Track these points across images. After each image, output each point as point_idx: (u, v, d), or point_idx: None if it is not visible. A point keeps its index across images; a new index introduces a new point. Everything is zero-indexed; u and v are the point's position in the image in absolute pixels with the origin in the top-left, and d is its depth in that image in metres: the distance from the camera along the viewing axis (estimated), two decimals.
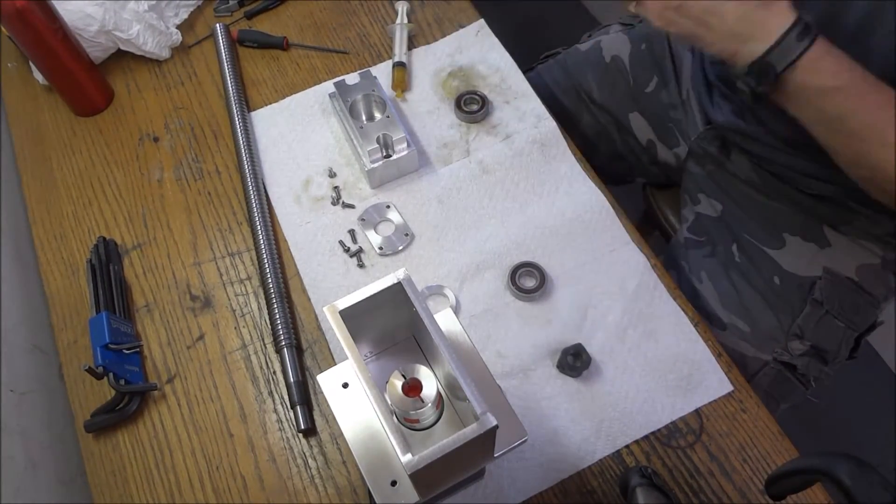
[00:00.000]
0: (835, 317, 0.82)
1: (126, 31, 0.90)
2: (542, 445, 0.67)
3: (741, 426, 0.68)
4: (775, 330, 0.82)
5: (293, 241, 0.81)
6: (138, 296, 0.79)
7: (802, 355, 0.82)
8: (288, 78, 0.94)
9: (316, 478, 0.68)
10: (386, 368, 0.53)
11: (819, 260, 0.83)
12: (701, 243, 0.90)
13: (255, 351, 0.75)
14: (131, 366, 0.72)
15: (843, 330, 0.82)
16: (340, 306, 0.48)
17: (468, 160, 0.85)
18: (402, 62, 0.91)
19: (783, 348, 0.82)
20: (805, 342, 0.82)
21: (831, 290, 0.82)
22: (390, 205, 0.81)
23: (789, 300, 0.83)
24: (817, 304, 0.82)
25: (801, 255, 0.84)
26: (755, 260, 0.85)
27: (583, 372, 0.70)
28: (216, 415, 0.72)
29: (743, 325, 0.83)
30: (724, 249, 0.87)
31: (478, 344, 0.55)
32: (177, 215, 0.84)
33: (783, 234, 0.85)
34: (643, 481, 0.60)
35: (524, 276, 0.75)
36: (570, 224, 0.79)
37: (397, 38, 0.93)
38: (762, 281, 0.84)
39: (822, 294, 0.82)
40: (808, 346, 0.82)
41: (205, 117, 0.91)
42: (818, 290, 0.82)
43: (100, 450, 0.71)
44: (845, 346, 0.84)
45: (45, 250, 0.83)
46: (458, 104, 0.87)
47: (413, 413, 0.48)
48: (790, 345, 0.82)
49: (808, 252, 0.84)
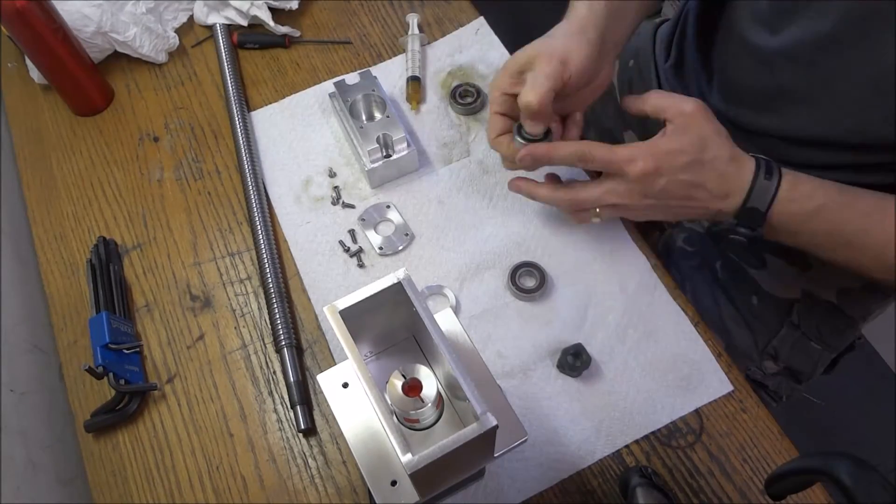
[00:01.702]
0: (810, 339, 0.82)
1: (123, 33, 0.90)
2: (542, 445, 0.67)
3: (741, 426, 0.68)
4: (749, 348, 0.82)
5: (293, 241, 0.81)
6: (138, 296, 0.79)
7: (775, 374, 0.82)
8: (288, 78, 0.94)
9: (316, 478, 0.68)
10: (386, 368, 0.53)
11: (799, 282, 0.83)
12: (691, 255, 0.90)
13: (255, 351, 0.75)
14: (131, 366, 0.72)
15: (819, 352, 0.82)
16: (340, 306, 0.48)
17: (468, 160, 0.85)
18: (417, 76, 0.89)
19: (757, 367, 0.82)
20: (779, 363, 0.81)
21: (809, 312, 0.82)
22: (390, 205, 0.81)
23: (766, 321, 0.83)
24: (794, 327, 0.82)
25: (782, 277, 0.83)
26: (736, 278, 0.84)
27: (583, 372, 0.70)
28: (216, 415, 0.72)
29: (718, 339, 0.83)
30: (709, 265, 0.87)
31: (478, 344, 0.55)
32: (177, 215, 0.84)
33: (764, 255, 0.84)
34: (643, 481, 0.60)
35: (524, 276, 0.75)
36: (570, 224, 0.79)
37: (409, 50, 0.92)
38: (741, 299, 0.84)
39: (799, 317, 0.82)
40: (782, 367, 0.81)
41: (205, 117, 0.91)
42: (795, 313, 0.82)
43: (100, 450, 0.71)
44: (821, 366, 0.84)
45: (45, 250, 0.83)
46: (454, 97, 0.88)
47: (413, 413, 0.48)
48: (764, 364, 0.82)
49: (788, 274, 0.83)
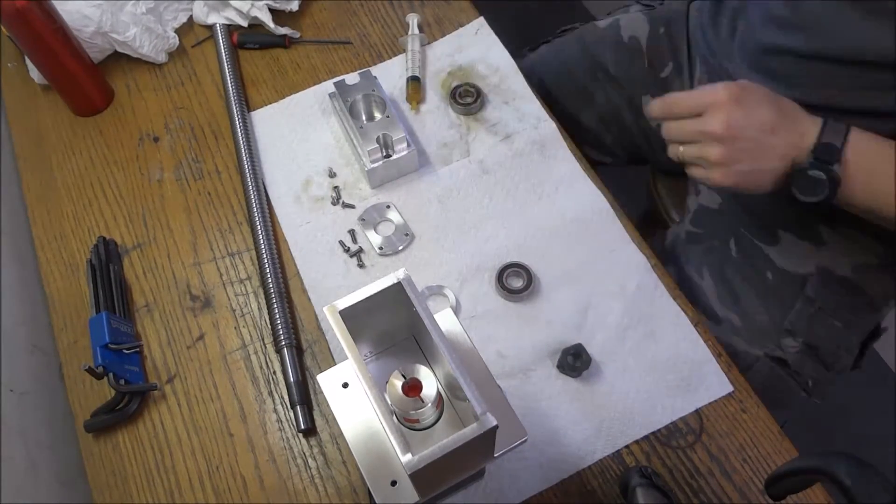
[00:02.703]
0: (829, 315, 0.82)
1: (123, 33, 0.90)
2: (542, 445, 0.67)
3: (741, 426, 0.68)
4: (767, 325, 0.82)
5: (293, 241, 0.81)
6: (138, 296, 0.79)
7: (796, 353, 0.82)
8: (288, 78, 0.94)
9: (316, 478, 0.68)
10: (386, 368, 0.53)
11: (813, 258, 0.83)
12: (700, 237, 0.90)
13: (255, 351, 0.75)
14: (131, 366, 0.72)
15: (840, 330, 0.82)
16: (340, 306, 0.48)
17: (468, 160, 0.85)
18: (417, 76, 0.90)
19: (776, 345, 0.82)
20: (797, 339, 0.82)
21: (824, 287, 0.82)
22: (390, 205, 0.81)
23: (781, 296, 0.83)
24: (809, 301, 0.82)
25: (795, 253, 0.84)
26: (750, 255, 0.85)
27: (583, 372, 0.70)
28: (216, 415, 0.72)
29: (736, 319, 0.83)
30: (721, 244, 0.88)
31: (478, 344, 0.55)
32: (177, 215, 0.84)
33: (777, 231, 0.85)
34: (643, 481, 0.60)
35: (511, 277, 0.75)
36: (571, 224, 0.79)
37: (409, 50, 0.92)
38: (755, 276, 0.84)
39: (814, 291, 0.82)
40: (801, 344, 0.82)
41: (205, 117, 0.91)
42: (810, 287, 0.82)
43: (100, 450, 0.71)
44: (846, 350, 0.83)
45: (45, 250, 0.83)
46: (454, 97, 0.87)
47: (413, 413, 0.48)
48: (783, 342, 0.82)
49: (802, 249, 0.84)
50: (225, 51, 0.93)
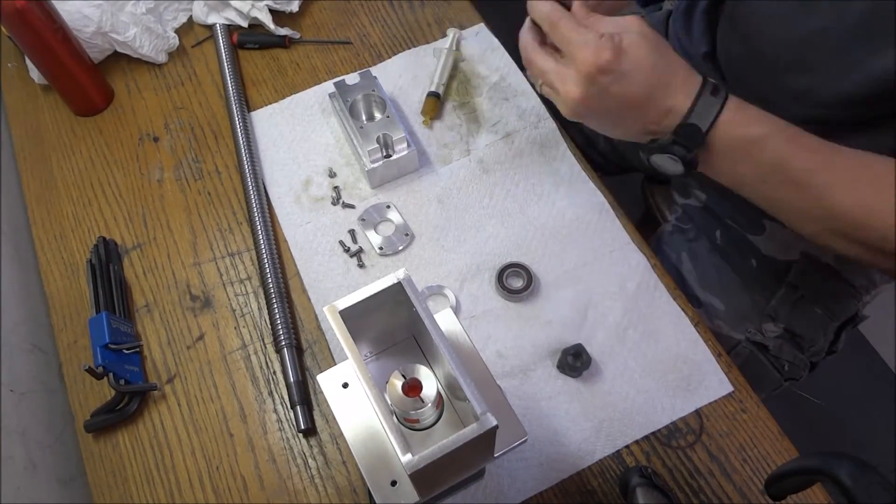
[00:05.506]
0: (810, 302, 0.82)
1: (123, 33, 0.90)
2: (542, 445, 0.67)
3: (741, 426, 0.68)
4: (749, 310, 0.83)
5: (293, 241, 0.81)
6: (138, 296, 0.79)
7: (776, 338, 0.82)
8: (288, 78, 0.94)
9: (316, 478, 0.68)
10: (386, 368, 0.53)
11: (798, 245, 0.84)
12: (685, 230, 0.91)
13: (255, 351, 0.75)
14: (131, 366, 0.72)
15: (821, 317, 0.83)
16: (340, 306, 0.48)
17: (468, 160, 0.85)
18: (438, 93, 0.87)
19: (756, 329, 0.82)
20: (778, 324, 0.82)
21: (807, 274, 0.83)
22: (390, 205, 0.81)
23: (765, 282, 0.84)
24: (792, 287, 0.82)
25: (780, 241, 0.84)
26: (736, 244, 0.86)
27: (583, 372, 0.70)
28: (216, 415, 0.72)
29: (718, 303, 0.84)
30: (707, 235, 0.89)
31: (478, 344, 0.55)
32: (177, 215, 0.84)
33: (763, 221, 0.85)
34: (643, 481, 0.60)
35: (511, 277, 0.75)
36: (570, 224, 0.79)
37: (440, 66, 0.89)
38: (740, 263, 0.85)
39: (797, 277, 0.82)
40: (782, 329, 0.82)
41: (205, 117, 0.91)
42: (793, 272, 0.82)
43: (100, 450, 0.71)
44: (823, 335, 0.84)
45: (45, 250, 0.83)
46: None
47: (413, 413, 0.48)
48: (764, 326, 0.82)
49: (787, 237, 0.84)
50: (225, 51, 0.93)
